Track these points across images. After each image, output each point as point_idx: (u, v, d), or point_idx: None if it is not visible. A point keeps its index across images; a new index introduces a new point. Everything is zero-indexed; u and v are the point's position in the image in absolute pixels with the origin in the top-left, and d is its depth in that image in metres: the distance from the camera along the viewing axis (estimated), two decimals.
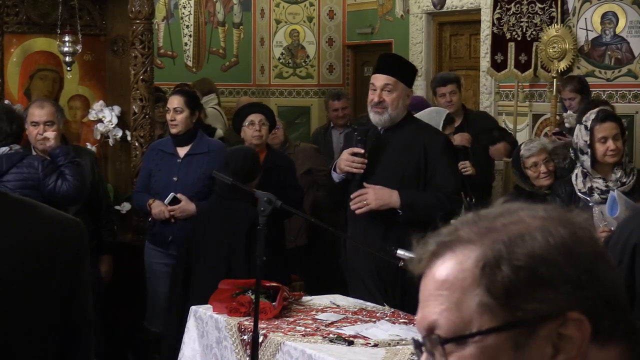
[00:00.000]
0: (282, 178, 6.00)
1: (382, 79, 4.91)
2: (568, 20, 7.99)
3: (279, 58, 11.02)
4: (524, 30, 8.21)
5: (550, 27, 7.98)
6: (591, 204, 4.81)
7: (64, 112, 6.13)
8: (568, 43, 7.84)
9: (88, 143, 6.78)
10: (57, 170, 5.30)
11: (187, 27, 10.71)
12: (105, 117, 6.71)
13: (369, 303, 4.71)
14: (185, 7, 10.65)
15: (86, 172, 5.54)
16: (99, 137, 6.79)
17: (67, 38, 6.59)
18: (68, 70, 6.67)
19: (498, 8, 8.39)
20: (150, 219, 6.00)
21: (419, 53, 9.68)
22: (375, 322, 4.32)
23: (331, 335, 4.10)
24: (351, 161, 4.84)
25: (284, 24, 11.01)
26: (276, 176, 5.94)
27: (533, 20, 8.15)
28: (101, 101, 6.81)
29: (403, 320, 4.37)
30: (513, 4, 8.28)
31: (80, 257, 2.15)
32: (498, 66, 8.43)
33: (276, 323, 4.32)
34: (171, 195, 5.88)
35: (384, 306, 4.61)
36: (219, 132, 7.86)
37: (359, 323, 4.33)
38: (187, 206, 5.87)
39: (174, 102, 6.04)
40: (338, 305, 4.68)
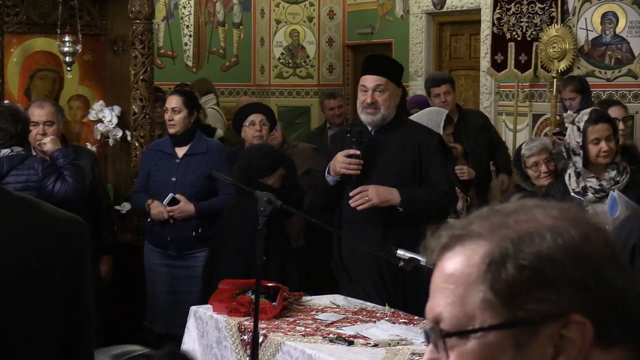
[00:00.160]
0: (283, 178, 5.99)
1: (373, 80, 4.90)
2: (568, 20, 7.99)
3: (279, 58, 11.02)
4: (524, 30, 8.21)
5: (550, 27, 7.98)
6: (585, 204, 4.80)
7: (64, 112, 6.13)
8: (568, 43, 7.84)
9: (88, 143, 6.78)
10: (57, 171, 5.29)
11: (187, 27, 10.71)
12: (105, 117, 6.71)
13: (369, 303, 4.70)
14: (185, 7, 10.65)
15: (86, 173, 5.54)
16: (99, 137, 6.79)
17: (67, 38, 6.59)
18: (68, 70, 6.67)
19: (498, 8, 8.39)
20: (149, 220, 5.99)
21: (419, 53, 9.68)
22: (375, 322, 4.32)
23: (331, 335, 4.10)
24: (347, 163, 4.83)
25: (284, 24, 11.01)
26: None
27: (533, 20, 8.15)
28: (101, 101, 6.81)
29: (403, 320, 4.37)
30: (513, 4, 8.27)
31: (81, 256, 2.13)
32: (498, 66, 8.43)
33: (276, 323, 4.32)
34: (170, 195, 5.87)
35: (384, 306, 4.61)
36: (219, 132, 7.85)
37: (359, 323, 4.33)
38: (186, 207, 5.85)
39: (172, 102, 6.03)
40: (338, 305, 4.68)
